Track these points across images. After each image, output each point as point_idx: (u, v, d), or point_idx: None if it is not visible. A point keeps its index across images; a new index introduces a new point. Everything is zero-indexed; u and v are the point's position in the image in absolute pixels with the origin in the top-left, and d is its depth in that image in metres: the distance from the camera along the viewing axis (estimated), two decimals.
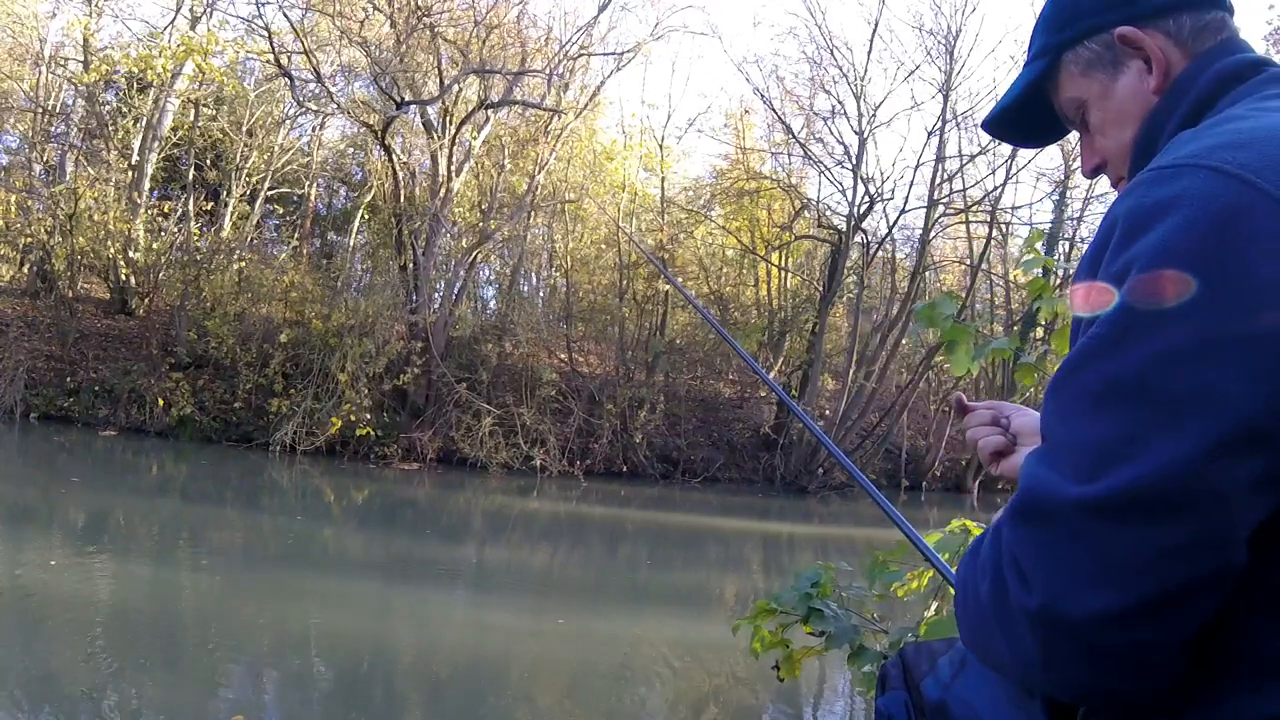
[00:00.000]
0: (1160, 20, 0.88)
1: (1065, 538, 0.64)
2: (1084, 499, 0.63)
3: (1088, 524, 0.63)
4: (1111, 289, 0.66)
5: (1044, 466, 0.67)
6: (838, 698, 5.65)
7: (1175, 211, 0.66)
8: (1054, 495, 0.65)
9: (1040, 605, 0.64)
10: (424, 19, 13.52)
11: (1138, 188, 0.71)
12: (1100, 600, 0.62)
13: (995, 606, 0.69)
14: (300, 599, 6.68)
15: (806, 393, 16.31)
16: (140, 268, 15.19)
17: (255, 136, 16.97)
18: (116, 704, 4.34)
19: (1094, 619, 0.62)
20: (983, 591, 0.70)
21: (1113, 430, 0.64)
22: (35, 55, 15.68)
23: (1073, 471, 0.64)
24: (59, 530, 7.88)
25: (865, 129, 16.25)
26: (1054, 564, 0.64)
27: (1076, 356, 0.68)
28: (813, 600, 2.17)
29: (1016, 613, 0.66)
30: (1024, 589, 0.65)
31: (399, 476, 12.91)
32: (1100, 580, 0.62)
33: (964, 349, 2.08)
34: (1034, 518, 0.66)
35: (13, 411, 12.99)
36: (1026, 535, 0.66)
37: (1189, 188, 0.66)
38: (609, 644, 6.55)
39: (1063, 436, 0.67)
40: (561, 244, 17.89)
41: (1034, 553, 0.65)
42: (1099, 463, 0.63)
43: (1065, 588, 0.63)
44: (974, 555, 0.76)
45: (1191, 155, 0.69)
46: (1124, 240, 0.68)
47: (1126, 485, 0.61)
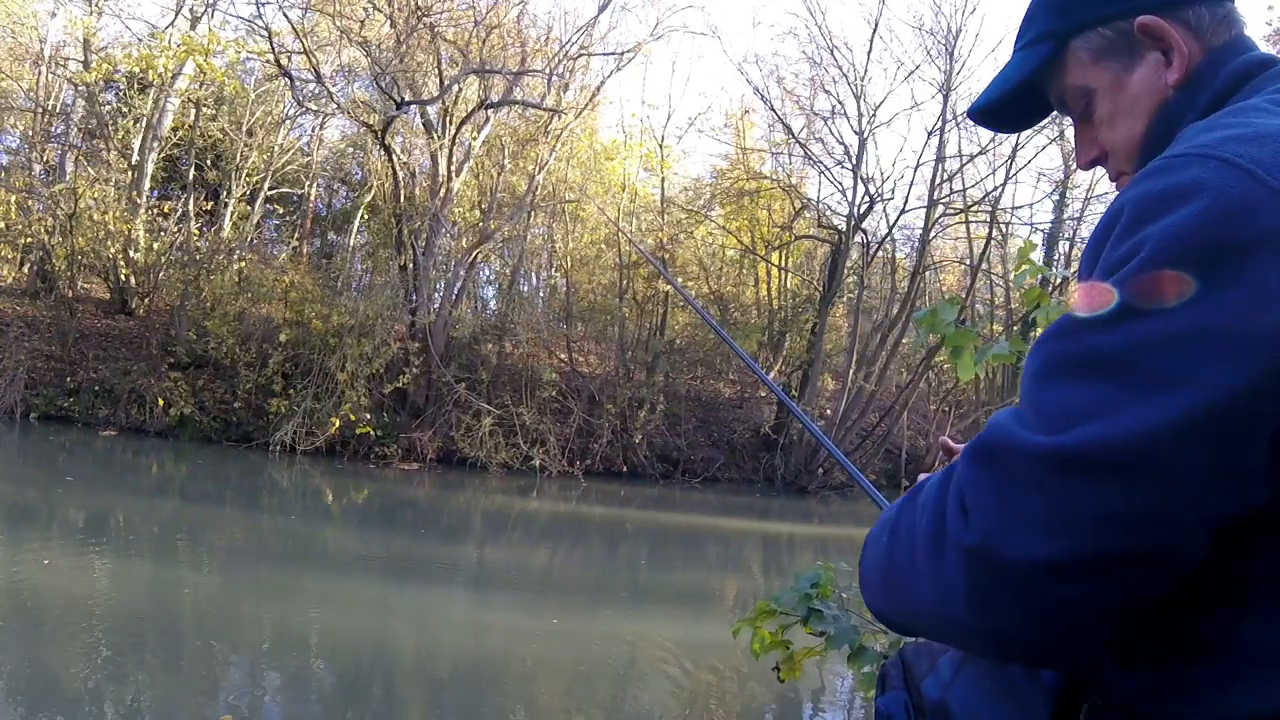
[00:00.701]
0: (1180, 11, 0.86)
1: (1017, 482, 0.64)
2: (1044, 448, 0.64)
3: (1040, 472, 0.63)
4: (1112, 289, 0.66)
5: (1012, 418, 0.68)
6: (838, 698, 5.65)
7: (1186, 201, 0.66)
8: (1015, 441, 0.65)
9: (977, 541, 0.64)
10: (424, 19, 13.52)
11: (1147, 176, 0.70)
12: (1037, 548, 0.62)
13: (929, 540, 0.69)
14: (300, 599, 6.68)
15: (806, 393, 16.31)
16: (140, 268, 15.18)
17: (255, 136, 16.97)
18: (115, 704, 4.34)
19: (1027, 565, 0.62)
20: (919, 527, 0.71)
21: (1086, 394, 0.64)
22: (35, 55, 15.67)
23: (1039, 424, 0.65)
24: (57, 530, 7.88)
25: (865, 129, 16.26)
26: (1000, 505, 0.64)
27: (1066, 322, 0.68)
28: (813, 601, 2.17)
29: (951, 547, 0.67)
30: (964, 524, 0.66)
31: (399, 476, 12.91)
32: (1042, 529, 0.62)
33: (968, 355, 2.08)
34: (991, 459, 0.67)
35: (13, 411, 12.99)
36: (980, 475, 0.67)
37: (1200, 178, 0.66)
38: (609, 644, 6.55)
39: (1036, 394, 0.68)
40: (561, 244, 17.90)
41: (983, 492, 0.66)
42: (1066, 419, 0.64)
43: (1005, 529, 0.63)
44: (909, 500, 0.77)
45: (1203, 146, 0.69)
46: (1131, 226, 0.68)
47: (1088, 443, 0.62)
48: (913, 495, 0.77)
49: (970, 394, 18.11)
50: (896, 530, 0.76)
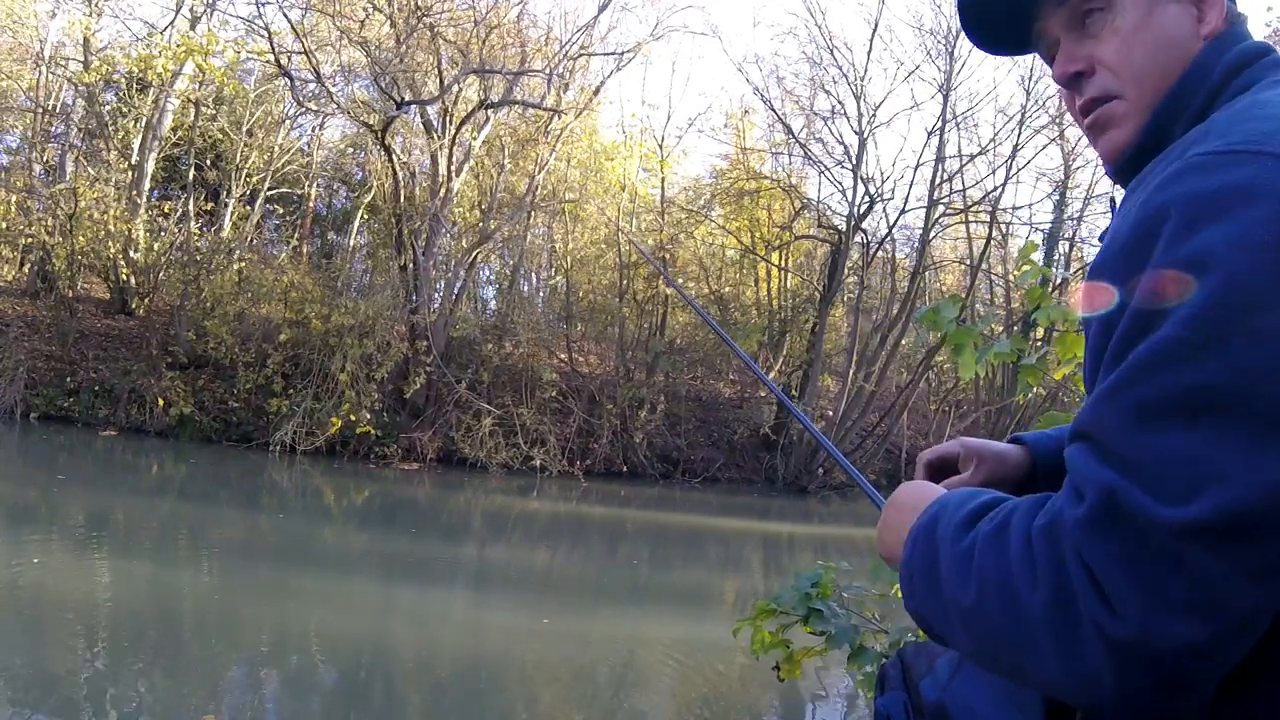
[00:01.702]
0: None
1: (1159, 560, 0.58)
2: (1182, 523, 0.58)
3: (1184, 548, 0.58)
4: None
5: (1119, 477, 0.61)
6: (838, 698, 5.65)
7: (1252, 202, 0.61)
8: (1144, 514, 0.59)
9: (1132, 635, 0.59)
10: (424, 19, 13.52)
11: (1189, 173, 0.66)
12: (1192, 631, 0.58)
13: (1056, 619, 0.62)
14: (300, 599, 6.68)
15: (806, 393, 16.30)
16: (140, 268, 15.18)
17: (255, 136, 16.97)
18: (113, 704, 4.34)
19: (1183, 649, 0.58)
20: (1034, 597, 0.63)
21: (1202, 445, 0.58)
22: (35, 55, 15.67)
23: (1159, 489, 0.59)
24: (52, 529, 7.88)
25: (865, 129, 16.26)
26: (1147, 590, 0.58)
27: (1149, 358, 0.62)
28: (813, 600, 2.17)
29: (1092, 634, 0.60)
30: (1108, 612, 0.59)
31: (399, 476, 12.91)
32: (1194, 609, 0.58)
33: (969, 353, 2.08)
34: (1121, 534, 0.60)
35: (13, 411, 12.99)
36: (1112, 552, 0.60)
37: (1262, 176, 0.62)
38: (609, 644, 6.55)
39: (1136, 448, 0.61)
40: (561, 244, 17.90)
41: (1123, 574, 0.59)
42: (1190, 482, 0.58)
43: (1158, 617, 0.58)
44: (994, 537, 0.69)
45: (1252, 141, 0.65)
46: (1186, 228, 0.63)
47: (1224, 508, 0.57)
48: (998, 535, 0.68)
49: (970, 393, 18.11)
50: (986, 581, 0.68)
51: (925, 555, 0.75)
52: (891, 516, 0.88)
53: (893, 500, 0.91)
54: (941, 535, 0.74)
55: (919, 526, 0.78)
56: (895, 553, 0.84)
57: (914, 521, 0.80)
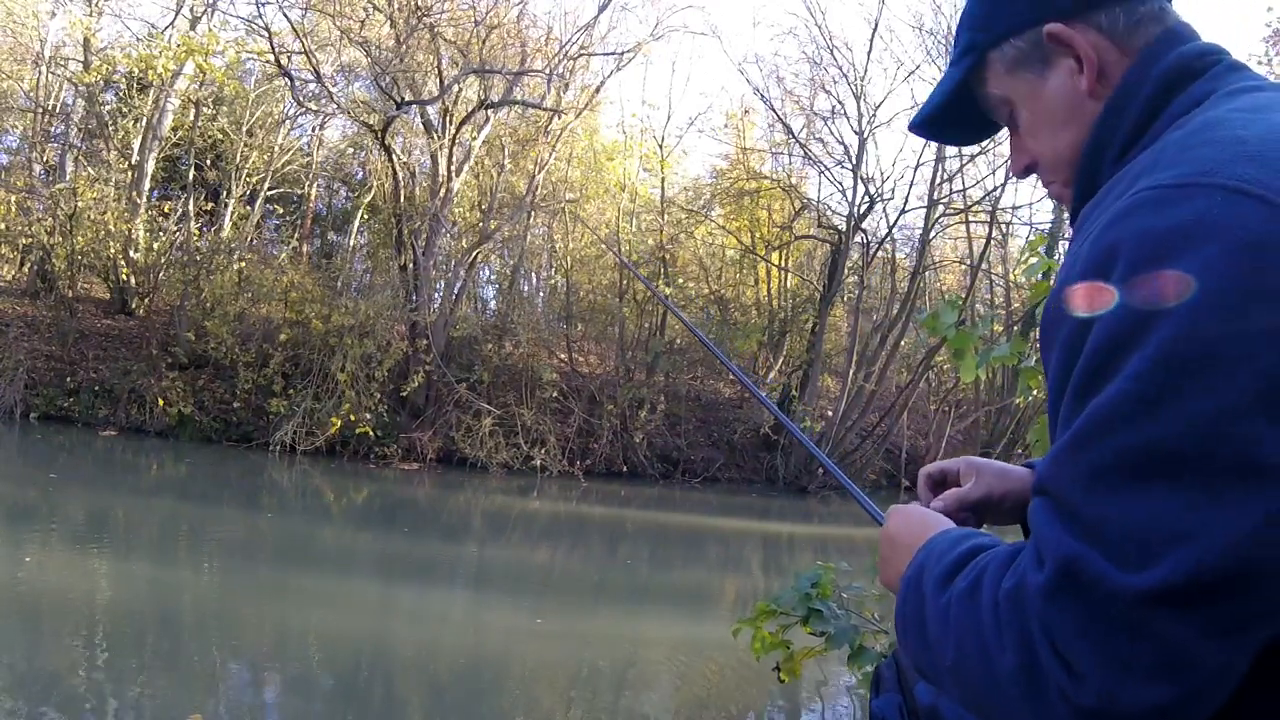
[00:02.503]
0: (1090, 14, 0.81)
1: (1119, 628, 0.57)
2: (1140, 590, 0.56)
3: (1145, 614, 0.56)
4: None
5: (1077, 543, 0.60)
6: (838, 698, 5.65)
7: (1200, 242, 0.58)
8: (1101, 581, 0.58)
9: (1094, 705, 0.58)
10: (424, 19, 13.52)
11: (1139, 210, 0.63)
12: (1158, 694, 0.57)
13: (1020, 681, 0.62)
14: (300, 599, 6.68)
15: (807, 393, 16.31)
16: (140, 268, 15.18)
17: (255, 136, 16.96)
18: (112, 704, 4.34)
19: (1149, 712, 0.57)
20: (1003, 666, 0.63)
21: (1157, 508, 0.57)
22: (35, 55, 15.67)
23: (1118, 555, 0.58)
24: (55, 529, 7.88)
25: (865, 129, 16.27)
26: (1109, 660, 0.57)
27: (1103, 416, 0.60)
28: (813, 601, 2.17)
29: (1057, 702, 0.60)
30: (1072, 680, 0.59)
31: (399, 476, 12.91)
32: (1159, 673, 0.57)
33: (970, 356, 2.08)
34: (1078, 602, 0.59)
35: (13, 411, 12.99)
36: (1071, 622, 0.59)
37: (1209, 213, 0.59)
38: (609, 644, 6.55)
39: (1094, 511, 0.60)
40: (561, 244, 17.90)
41: (1083, 642, 0.58)
42: (1148, 547, 0.57)
43: (1121, 685, 0.57)
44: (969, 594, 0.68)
45: (1200, 172, 0.62)
46: (1132, 272, 0.61)
47: (1184, 571, 0.55)
48: (971, 596, 0.67)
49: (970, 394, 18.11)
50: (962, 643, 0.67)
51: (914, 608, 0.75)
52: (886, 551, 0.88)
53: (886, 532, 0.90)
54: (925, 589, 0.74)
55: (908, 577, 0.78)
56: (893, 586, 0.84)
57: (906, 568, 0.79)
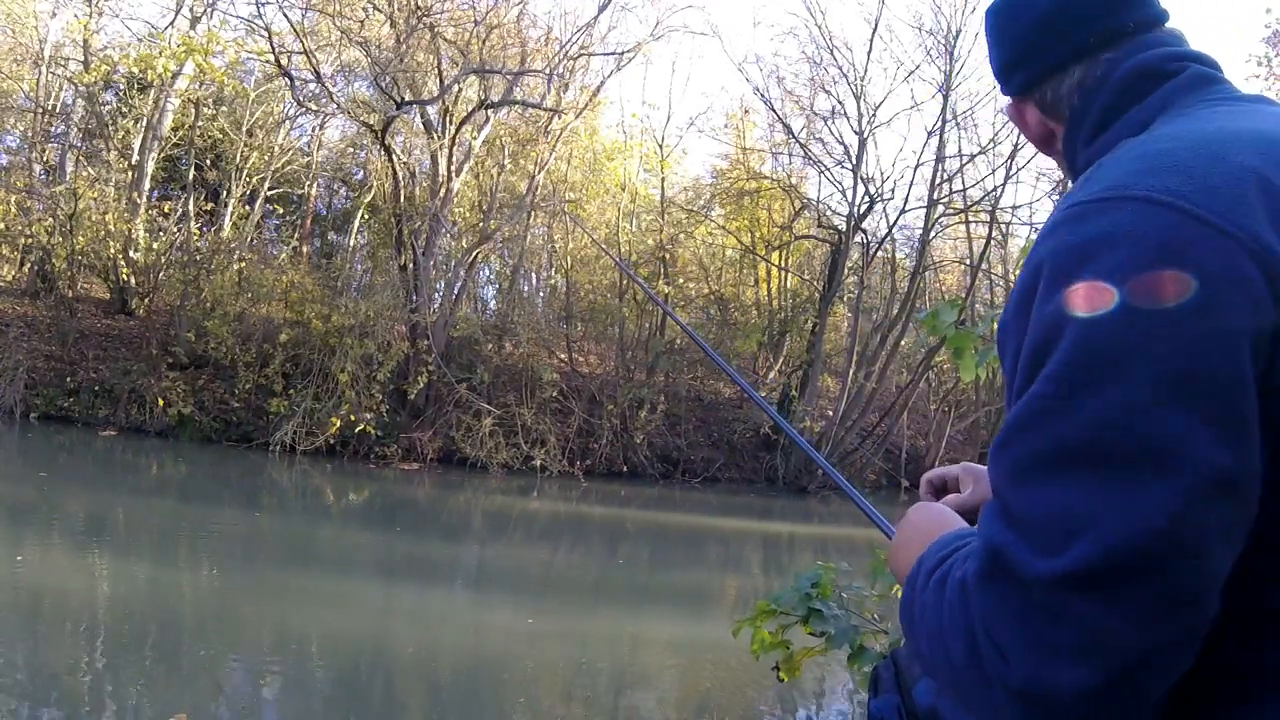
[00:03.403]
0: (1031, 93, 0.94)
1: (1037, 612, 0.60)
2: (1054, 574, 0.59)
3: (1060, 598, 0.59)
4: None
5: (1006, 532, 0.64)
6: (838, 698, 5.65)
7: (1108, 251, 0.62)
8: (1021, 567, 0.61)
9: (1021, 684, 0.61)
10: (424, 19, 13.52)
11: (1061, 226, 0.67)
12: (1081, 676, 0.59)
13: (971, 671, 0.65)
14: (300, 599, 6.68)
15: (807, 393, 16.31)
16: (140, 268, 15.18)
17: (255, 136, 16.96)
18: (111, 703, 4.34)
19: (1077, 696, 0.59)
20: (955, 652, 0.66)
21: (1070, 497, 0.60)
22: (35, 55, 15.67)
23: (1036, 542, 0.61)
24: (42, 528, 7.88)
25: (865, 129, 16.26)
26: (1031, 640, 0.60)
27: (1022, 415, 0.64)
28: (813, 601, 2.17)
29: (997, 685, 0.63)
30: (1002, 663, 0.62)
31: (399, 476, 12.91)
32: (1079, 655, 0.59)
33: (969, 356, 2.08)
34: (1003, 588, 0.63)
35: (13, 411, 12.99)
36: (999, 607, 0.63)
37: (1120, 223, 0.63)
38: (609, 644, 6.55)
39: (1019, 503, 0.64)
40: (561, 244, 17.90)
41: (1008, 627, 0.62)
42: (1062, 533, 0.60)
43: (1044, 666, 0.60)
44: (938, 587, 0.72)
45: (1117, 186, 0.66)
46: (1052, 285, 0.65)
47: (1093, 556, 0.58)
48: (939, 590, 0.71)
49: (970, 393, 18.11)
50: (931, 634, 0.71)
51: (907, 603, 0.79)
52: (900, 547, 0.91)
53: (905, 522, 0.93)
54: (917, 584, 0.78)
55: (910, 576, 0.81)
56: (900, 576, 0.87)
57: (910, 567, 0.83)
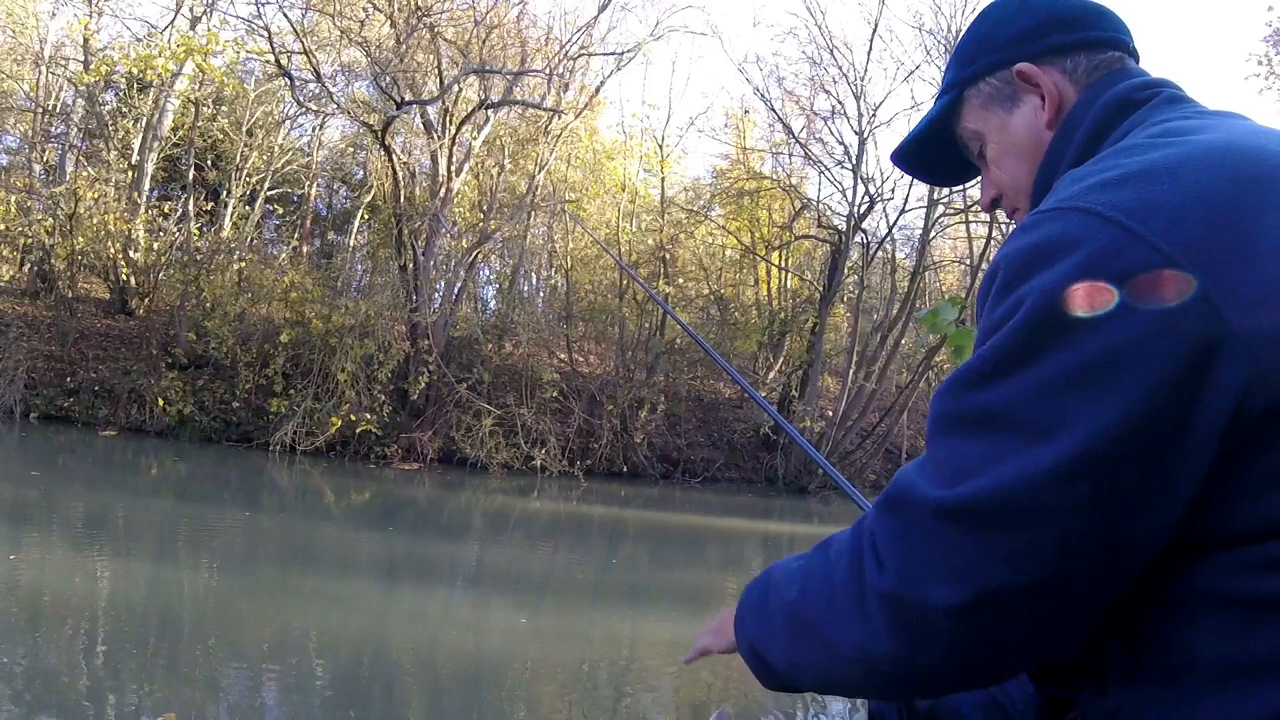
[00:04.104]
0: (1058, 58, 0.92)
1: (919, 532, 0.70)
2: (938, 502, 0.69)
3: (937, 524, 0.69)
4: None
5: (916, 472, 0.74)
6: (838, 698, 5.65)
7: (1054, 258, 0.68)
8: (916, 494, 0.71)
9: (891, 587, 0.71)
10: (424, 19, 13.52)
11: (1017, 234, 0.74)
12: (941, 592, 0.68)
13: (848, 585, 0.75)
14: (300, 599, 6.68)
15: (806, 393, 16.30)
16: (140, 268, 15.18)
17: (255, 136, 16.97)
18: (111, 704, 4.34)
19: (936, 608, 0.68)
20: (837, 576, 0.77)
21: (973, 449, 0.69)
22: (35, 55, 15.67)
23: (936, 478, 0.71)
24: (52, 529, 7.88)
25: (865, 129, 16.26)
26: (907, 553, 0.70)
27: (955, 382, 0.74)
28: None
29: (870, 591, 0.72)
30: (879, 570, 0.72)
31: (399, 476, 12.91)
32: (943, 575, 0.68)
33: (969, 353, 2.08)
34: (897, 510, 0.73)
35: (13, 411, 12.99)
36: (888, 524, 0.73)
37: (1061, 233, 0.69)
38: (609, 644, 6.55)
39: (933, 449, 0.74)
40: (561, 244, 17.90)
41: (891, 541, 0.72)
42: (956, 474, 0.69)
43: (914, 576, 0.70)
44: (819, 552, 0.83)
45: (1067, 198, 0.72)
46: (1006, 285, 0.72)
47: (974, 494, 0.67)
48: (822, 549, 0.83)
49: None
50: (806, 582, 0.82)
51: (755, 592, 0.91)
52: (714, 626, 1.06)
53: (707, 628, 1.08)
54: (774, 577, 0.89)
55: (747, 591, 0.94)
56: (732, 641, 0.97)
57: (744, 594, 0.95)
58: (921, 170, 1.13)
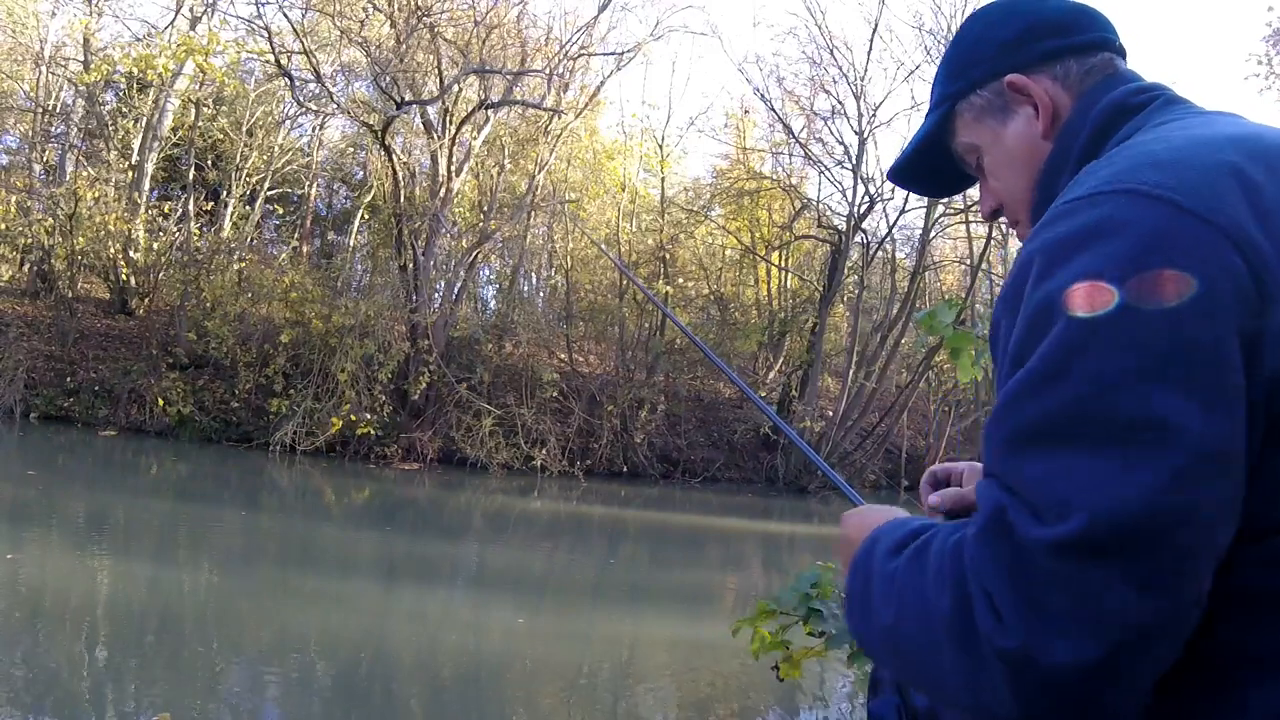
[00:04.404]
0: (1048, 66, 0.90)
1: (1037, 579, 0.61)
2: (1051, 541, 0.61)
3: (1057, 565, 0.60)
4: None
5: (1008, 498, 0.65)
6: (837, 698, 5.65)
7: (1100, 238, 0.65)
8: (1023, 532, 0.62)
9: (1016, 648, 0.61)
10: (424, 19, 13.52)
11: (1053, 221, 0.70)
12: (1075, 649, 0.60)
13: (954, 629, 0.65)
14: (300, 599, 6.68)
15: (806, 393, 16.31)
16: (140, 268, 15.18)
17: (255, 136, 16.97)
18: (109, 703, 4.34)
19: (1072, 665, 0.60)
20: (939, 606, 0.67)
21: (1062, 468, 0.62)
22: (35, 55, 15.67)
23: (1033, 510, 0.62)
24: (56, 528, 7.88)
25: (865, 129, 16.27)
26: (1029, 607, 0.61)
27: (1014, 392, 0.66)
28: (812, 601, 2.16)
29: (986, 647, 0.63)
30: (998, 626, 0.62)
31: (399, 476, 12.91)
32: (1074, 627, 0.60)
33: (967, 355, 2.07)
34: (1002, 546, 0.63)
35: (13, 411, 12.99)
36: (997, 568, 0.63)
37: (1111, 214, 0.66)
38: (609, 644, 6.55)
39: (1013, 474, 0.65)
40: (561, 244, 17.90)
41: (1005, 589, 0.62)
42: (1057, 502, 0.61)
43: (1042, 633, 0.60)
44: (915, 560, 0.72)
45: (1107, 181, 0.69)
46: (1044, 273, 0.68)
47: (1087, 526, 0.59)
48: (918, 556, 0.72)
49: (970, 393, 18.11)
50: (904, 597, 0.71)
51: (861, 582, 0.79)
52: (844, 549, 0.91)
53: (843, 533, 0.93)
54: (874, 562, 0.78)
55: (858, 556, 0.82)
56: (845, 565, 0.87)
57: (856, 551, 0.83)
58: (919, 184, 1.12)
